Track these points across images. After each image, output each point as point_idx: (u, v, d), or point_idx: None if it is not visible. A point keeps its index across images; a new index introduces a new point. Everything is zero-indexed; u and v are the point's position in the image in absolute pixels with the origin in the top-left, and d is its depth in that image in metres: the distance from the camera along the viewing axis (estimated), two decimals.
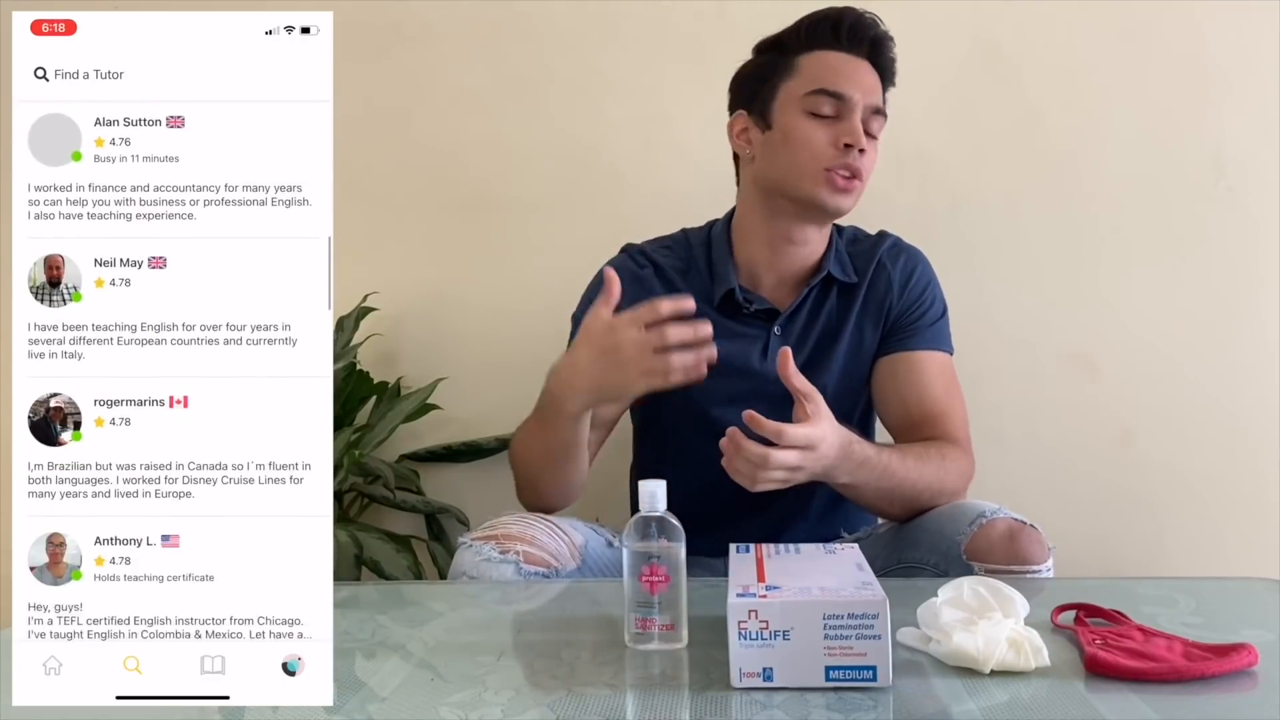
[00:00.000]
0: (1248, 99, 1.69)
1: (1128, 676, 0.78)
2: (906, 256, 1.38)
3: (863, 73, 1.30)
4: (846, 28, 1.31)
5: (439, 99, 1.79)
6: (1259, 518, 1.69)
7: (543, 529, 1.20)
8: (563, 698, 0.79)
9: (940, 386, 1.32)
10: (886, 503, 1.24)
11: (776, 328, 1.34)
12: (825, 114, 1.28)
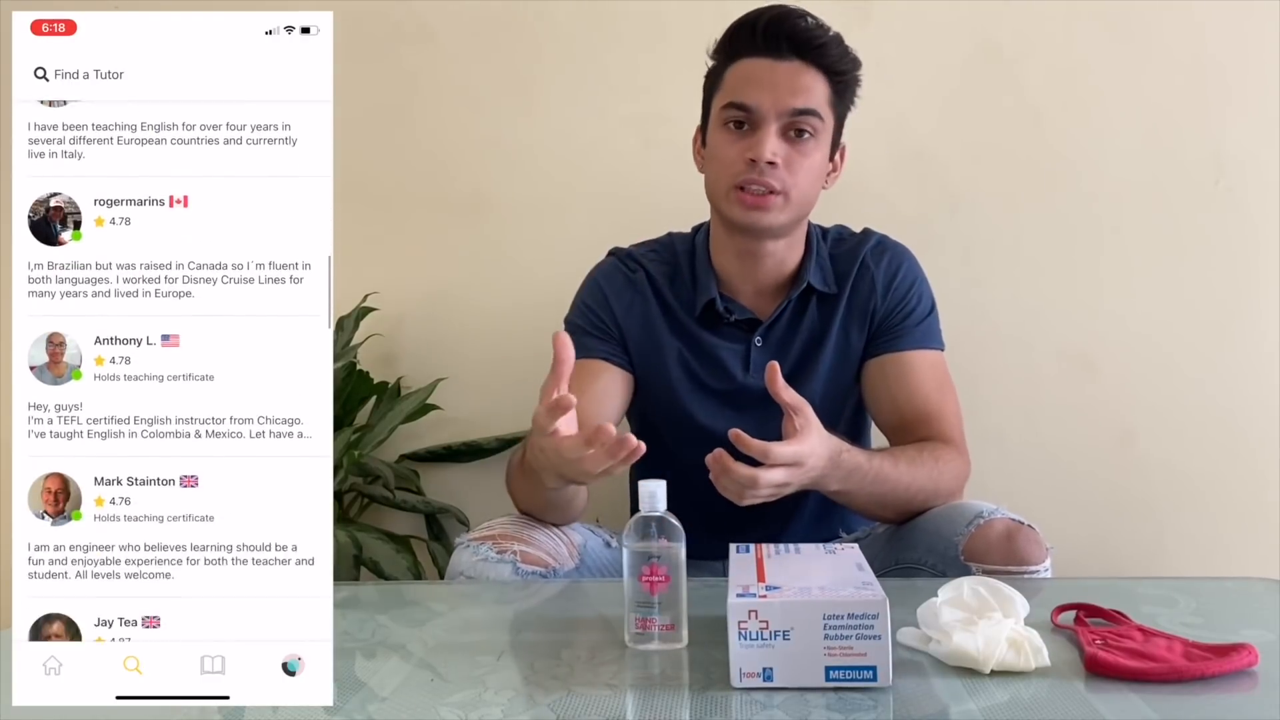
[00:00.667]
0: (1247, 99, 1.69)
1: (1128, 676, 0.78)
2: (890, 255, 1.36)
3: (780, 77, 1.24)
4: (761, 30, 1.24)
5: (439, 99, 1.79)
6: (1259, 518, 1.69)
7: (541, 529, 1.20)
8: (563, 698, 0.79)
9: (932, 385, 1.31)
10: (880, 508, 1.23)
11: (757, 338, 1.33)
12: (739, 126, 1.25)
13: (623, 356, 1.33)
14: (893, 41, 1.72)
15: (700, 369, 1.33)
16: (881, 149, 1.72)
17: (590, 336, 1.33)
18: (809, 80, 1.25)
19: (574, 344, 1.33)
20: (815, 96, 1.25)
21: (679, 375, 1.33)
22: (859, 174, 1.40)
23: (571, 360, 1.00)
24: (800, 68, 1.24)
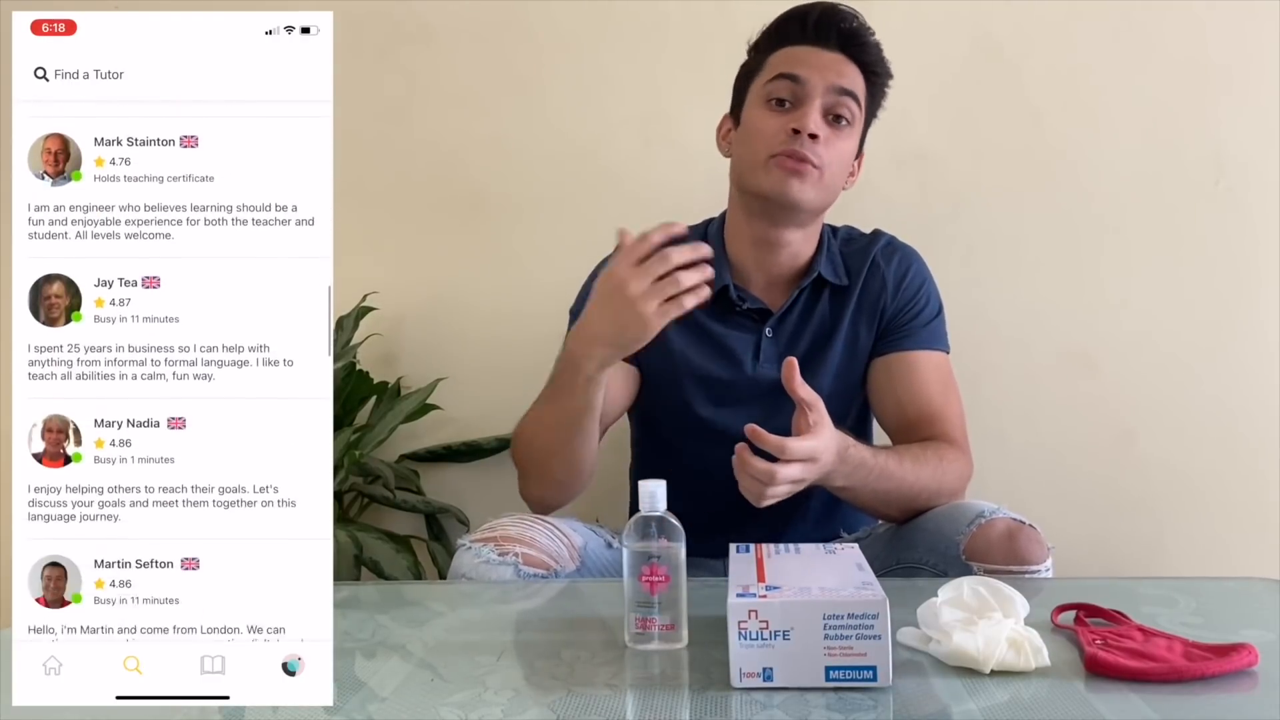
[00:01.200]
0: (1248, 99, 1.69)
1: (1128, 676, 0.78)
2: (900, 256, 1.37)
3: (827, 60, 1.29)
4: (813, 21, 1.30)
5: (439, 99, 1.79)
6: (1259, 518, 1.69)
7: (542, 530, 1.20)
8: (563, 698, 0.79)
9: (936, 386, 1.32)
10: (883, 505, 1.24)
11: (768, 329, 1.34)
12: (783, 100, 1.28)
13: None
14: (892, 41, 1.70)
15: (707, 359, 1.33)
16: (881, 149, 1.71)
17: None
18: (852, 70, 1.30)
19: None
20: (857, 84, 1.30)
21: (684, 366, 1.33)
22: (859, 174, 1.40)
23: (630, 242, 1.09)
24: (844, 59, 1.29)
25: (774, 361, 1.32)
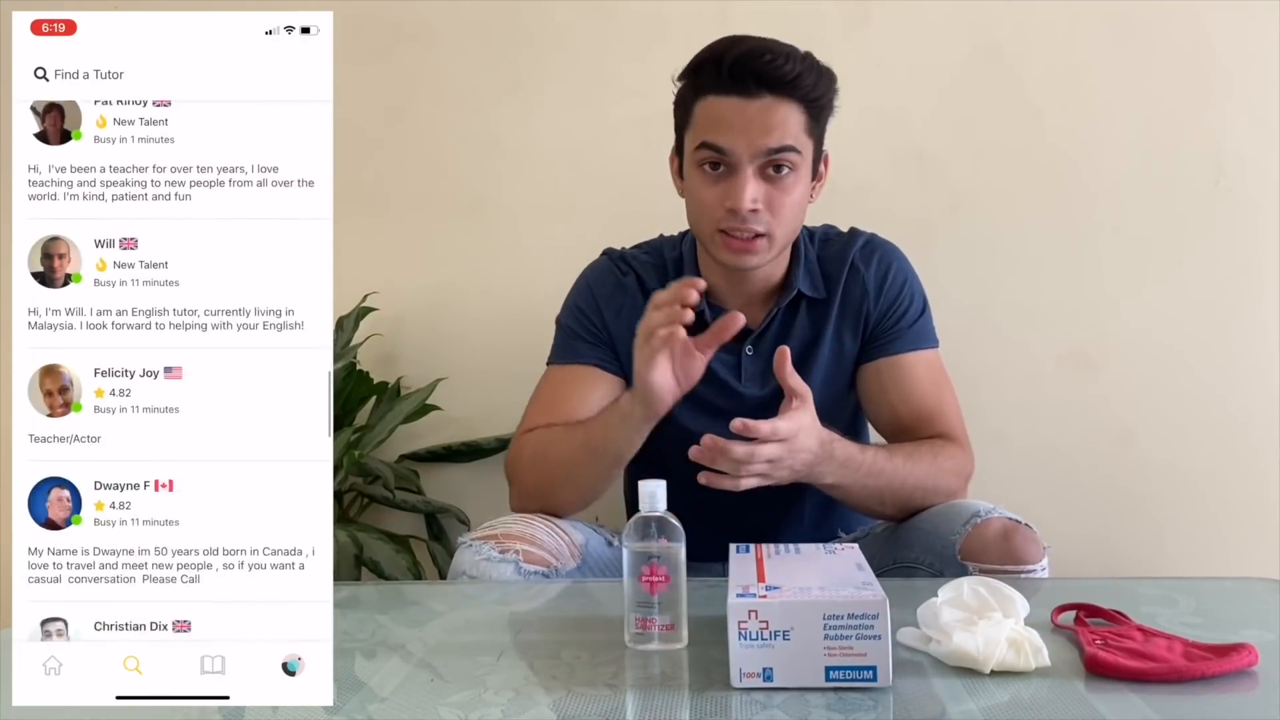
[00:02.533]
0: (1248, 99, 1.69)
1: (1128, 676, 0.78)
2: (880, 256, 1.33)
3: (752, 116, 1.18)
4: (727, 69, 1.18)
5: (439, 99, 1.79)
6: (1259, 518, 1.69)
7: (542, 528, 1.20)
8: (563, 698, 0.79)
9: (929, 386, 1.31)
10: (878, 503, 1.23)
11: (748, 347, 1.32)
12: (714, 168, 1.21)
13: (613, 362, 1.33)
14: (893, 41, 1.72)
15: None
16: (881, 149, 1.72)
17: (581, 340, 1.33)
18: (782, 115, 1.19)
19: (564, 346, 1.34)
20: (790, 130, 1.20)
21: None
22: (859, 174, 1.40)
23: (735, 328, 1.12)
24: (772, 103, 1.19)
25: (756, 380, 1.32)
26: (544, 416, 1.29)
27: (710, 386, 1.31)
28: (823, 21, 1.71)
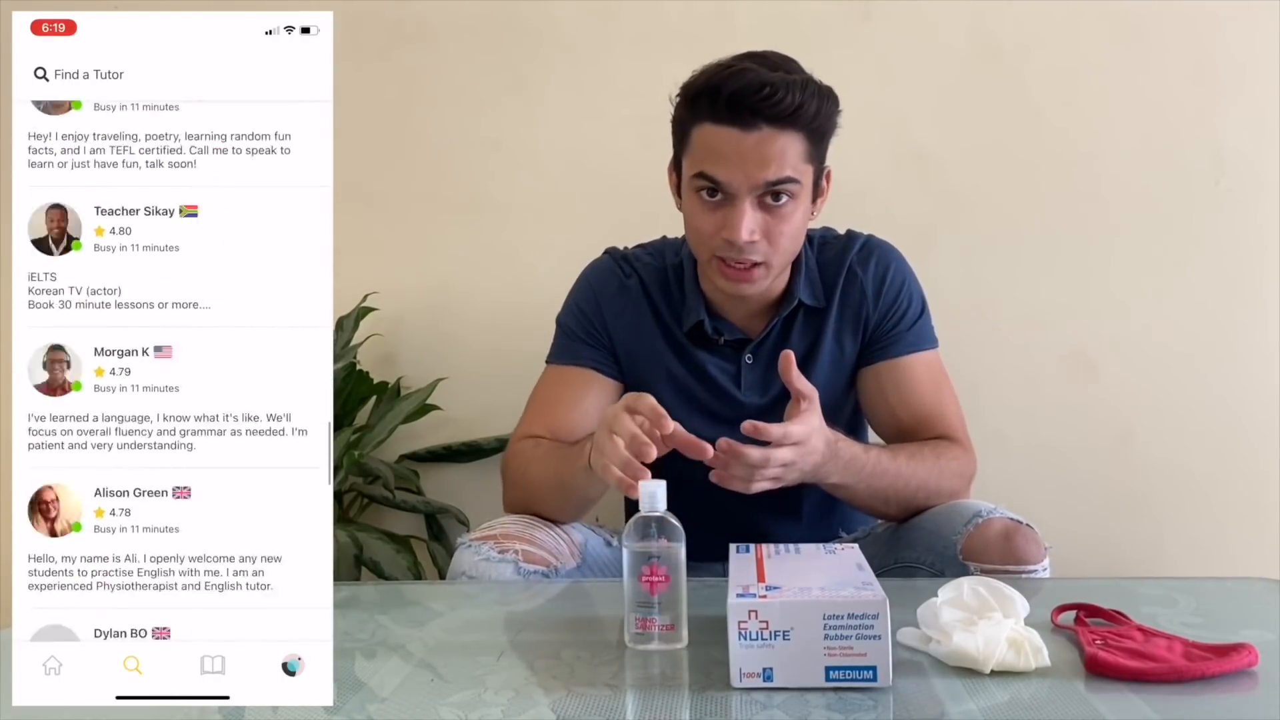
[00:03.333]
0: (1248, 99, 1.69)
1: (1128, 676, 0.78)
2: (877, 258, 1.33)
3: (748, 151, 1.15)
4: (724, 102, 1.14)
5: (439, 99, 1.79)
6: (1259, 518, 1.70)
7: (542, 528, 1.20)
8: (563, 698, 0.79)
9: (929, 387, 1.31)
10: (882, 503, 1.23)
11: (748, 355, 1.32)
12: (711, 194, 1.19)
13: (611, 365, 1.33)
14: (893, 41, 1.72)
15: (692, 384, 1.32)
16: (881, 149, 1.72)
17: (580, 342, 1.33)
18: (781, 146, 1.16)
19: (564, 347, 1.34)
20: (789, 161, 1.17)
21: (671, 389, 1.32)
22: (859, 174, 1.40)
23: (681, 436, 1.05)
24: (771, 135, 1.16)
25: (756, 389, 1.31)
26: (538, 420, 1.30)
27: (710, 394, 1.31)
28: (823, 21, 1.71)
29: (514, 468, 1.27)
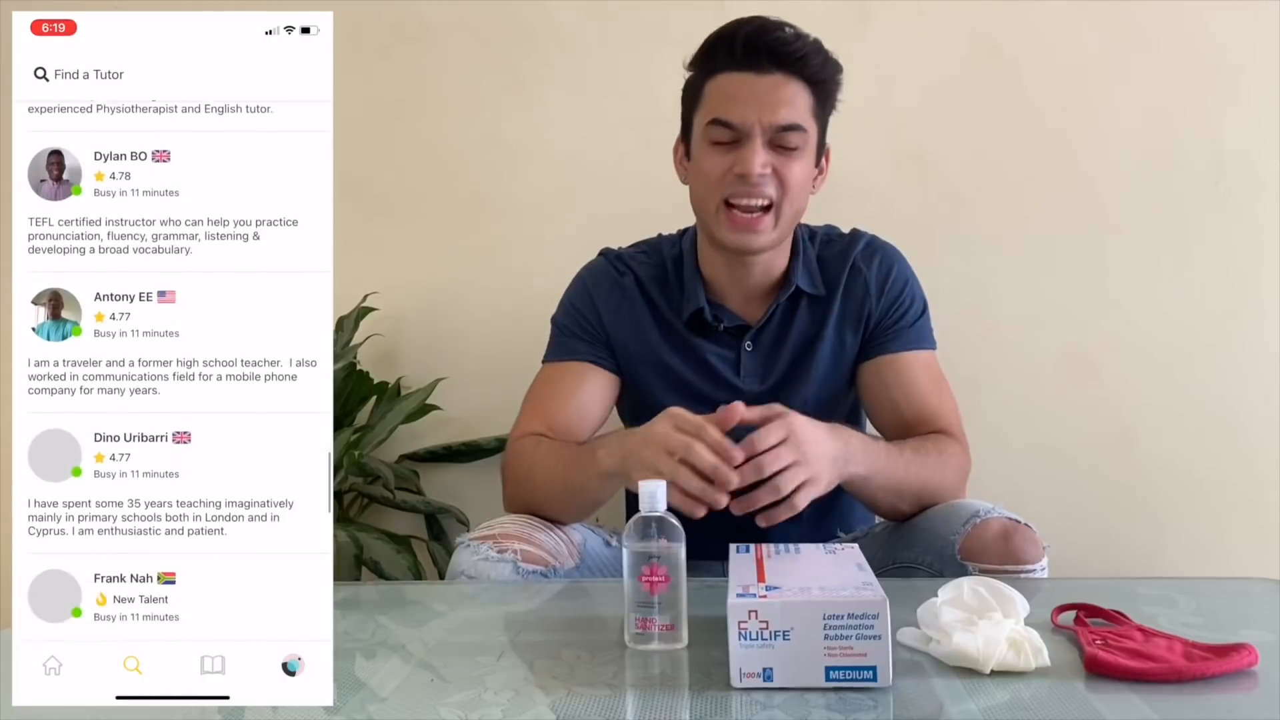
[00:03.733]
0: (1248, 99, 1.69)
1: (1128, 676, 0.78)
2: (881, 257, 1.34)
3: (763, 91, 1.22)
4: (740, 44, 1.21)
5: (439, 99, 1.79)
6: (1259, 518, 1.70)
7: (541, 528, 1.20)
8: (563, 698, 0.79)
9: (929, 385, 1.31)
10: (896, 495, 1.21)
11: (747, 342, 1.32)
12: (725, 142, 1.23)
13: (609, 360, 1.33)
14: (893, 41, 1.72)
15: (690, 374, 1.33)
16: (881, 149, 1.72)
17: (576, 338, 1.34)
18: (791, 92, 1.23)
19: (560, 344, 1.35)
20: (799, 109, 1.23)
21: (668, 380, 1.32)
22: (859, 174, 1.40)
23: (732, 423, 1.07)
24: (782, 80, 1.22)
25: (755, 375, 1.32)
26: (537, 415, 1.30)
27: (709, 381, 1.31)
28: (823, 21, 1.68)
29: (516, 468, 1.27)
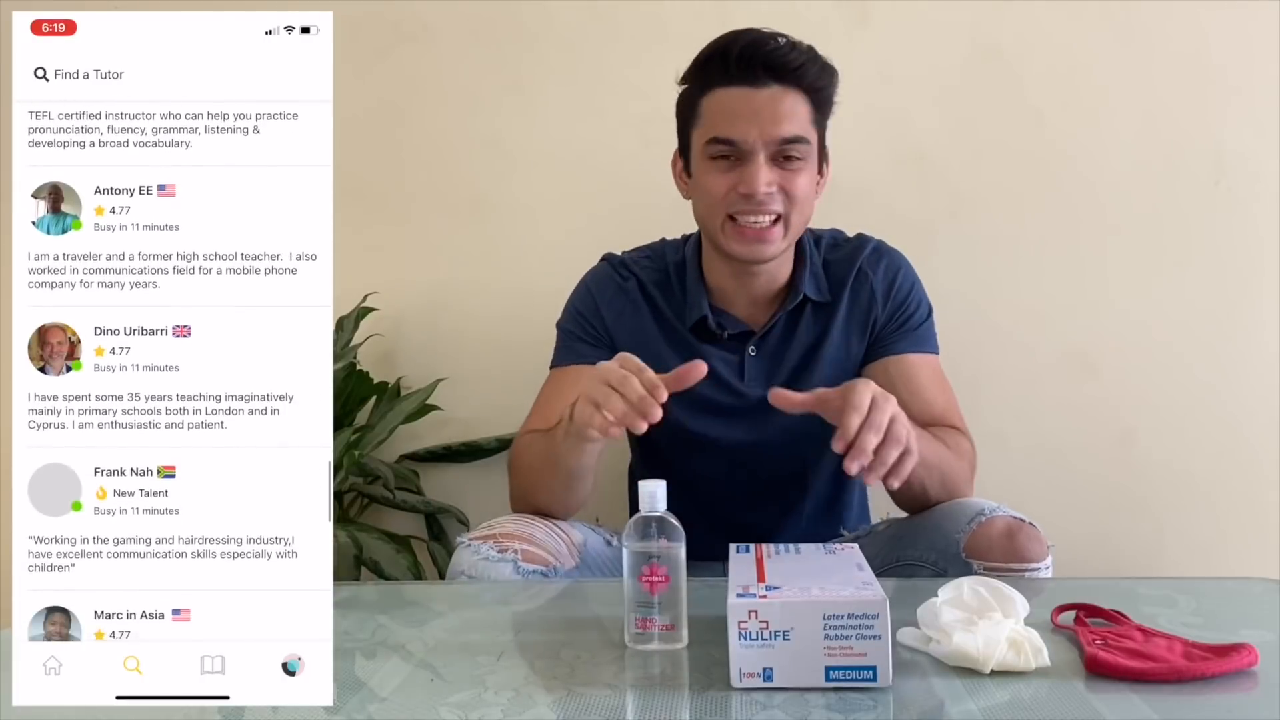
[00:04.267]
0: (1248, 100, 1.69)
1: (1128, 676, 0.78)
2: (887, 261, 1.35)
3: (761, 106, 1.21)
4: (735, 59, 1.21)
5: (439, 99, 1.79)
6: (1259, 518, 1.70)
7: (541, 528, 1.20)
8: (563, 698, 0.79)
9: (935, 387, 1.32)
10: (930, 478, 1.18)
11: (751, 348, 1.32)
12: (726, 159, 1.23)
13: None
14: (893, 41, 1.72)
15: None
16: (881, 149, 1.72)
17: (581, 342, 1.34)
18: (791, 104, 1.22)
19: (565, 349, 1.35)
20: (799, 120, 1.23)
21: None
22: (859, 175, 1.40)
23: (698, 377, 1.04)
24: (780, 92, 1.22)
25: (759, 380, 1.32)
26: (540, 418, 1.30)
27: (714, 387, 1.31)
28: (823, 22, 1.71)
29: (515, 459, 1.29)
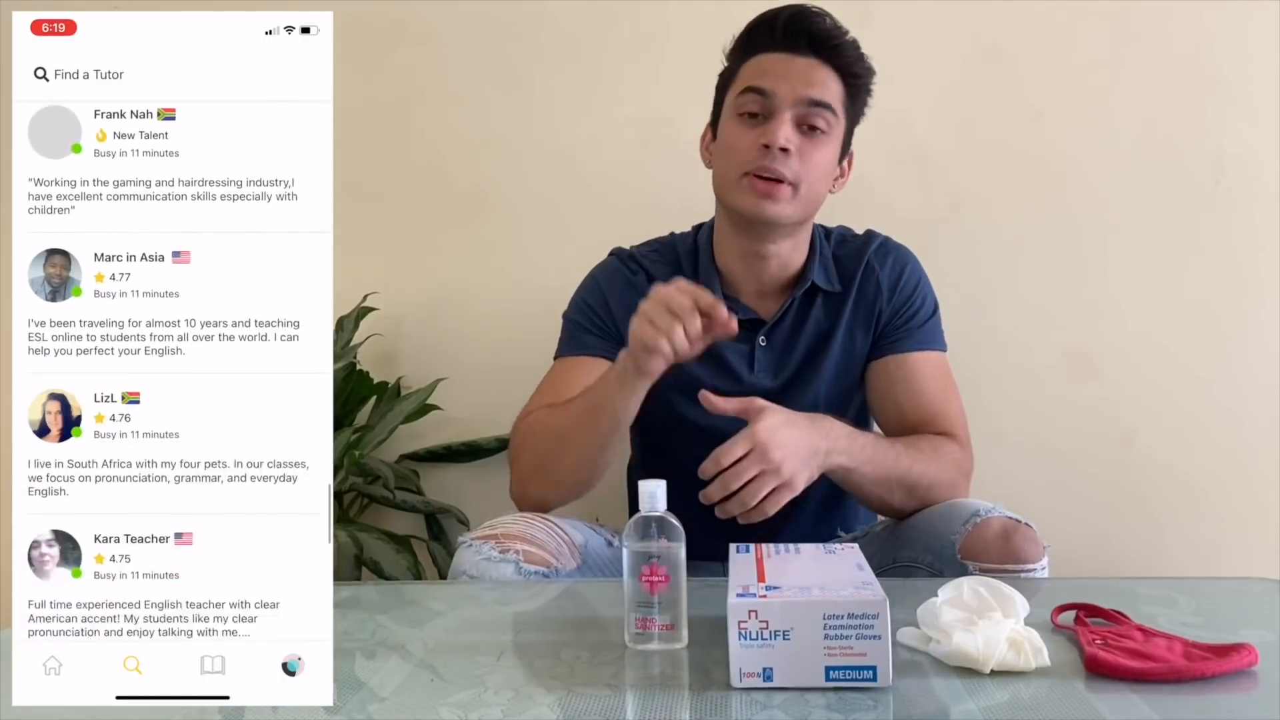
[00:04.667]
0: (1248, 99, 1.69)
1: (1128, 676, 0.78)
2: (895, 257, 1.36)
3: (797, 69, 1.26)
4: (781, 25, 1.27)
5: (439, 99, 1.79)
6: (1259, 518, 1.70)
7: (542, 528, 1.20)
8: (563, 698, 0.79)
9: (936, 386, 1.32)
10: (887, 490, 1.22)
11: (761, 338, 1.33)
12: (753, 113, 1.26)
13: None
14: (893, 41, 1.72)
15: (702, 370, 1.32)
16: (882, 149, 1.71)
17: (588, 334, 1.34)
18: (824, 75, 1.27)
19: (571, 339, 1.35)
20: (830, 91, 1.27)
21: (680, 376, 1.32)
22: (859, 174, 1.40)
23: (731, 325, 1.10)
24: (816, 64, 1.27)
25: (769, 371, 1.32)
26: (550, 397, 1.30)
27: (723, 377, 1.32)
28: None
29: (528, 430, 1.27)
